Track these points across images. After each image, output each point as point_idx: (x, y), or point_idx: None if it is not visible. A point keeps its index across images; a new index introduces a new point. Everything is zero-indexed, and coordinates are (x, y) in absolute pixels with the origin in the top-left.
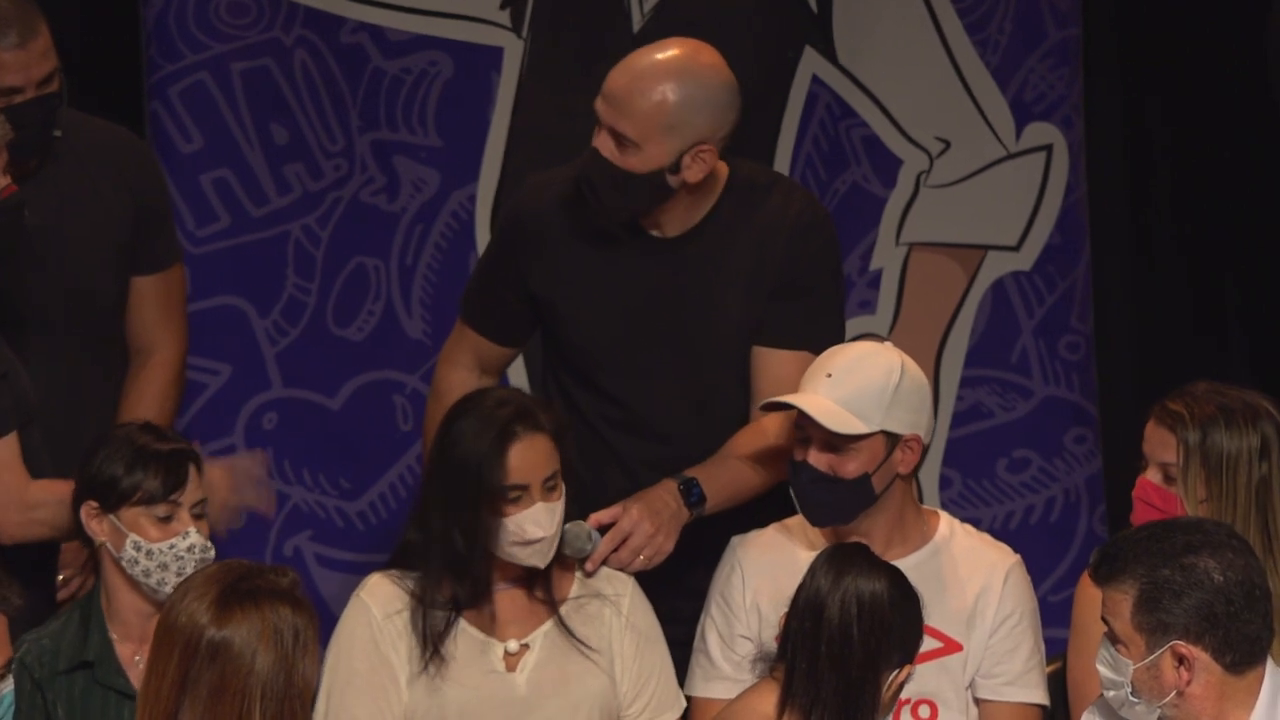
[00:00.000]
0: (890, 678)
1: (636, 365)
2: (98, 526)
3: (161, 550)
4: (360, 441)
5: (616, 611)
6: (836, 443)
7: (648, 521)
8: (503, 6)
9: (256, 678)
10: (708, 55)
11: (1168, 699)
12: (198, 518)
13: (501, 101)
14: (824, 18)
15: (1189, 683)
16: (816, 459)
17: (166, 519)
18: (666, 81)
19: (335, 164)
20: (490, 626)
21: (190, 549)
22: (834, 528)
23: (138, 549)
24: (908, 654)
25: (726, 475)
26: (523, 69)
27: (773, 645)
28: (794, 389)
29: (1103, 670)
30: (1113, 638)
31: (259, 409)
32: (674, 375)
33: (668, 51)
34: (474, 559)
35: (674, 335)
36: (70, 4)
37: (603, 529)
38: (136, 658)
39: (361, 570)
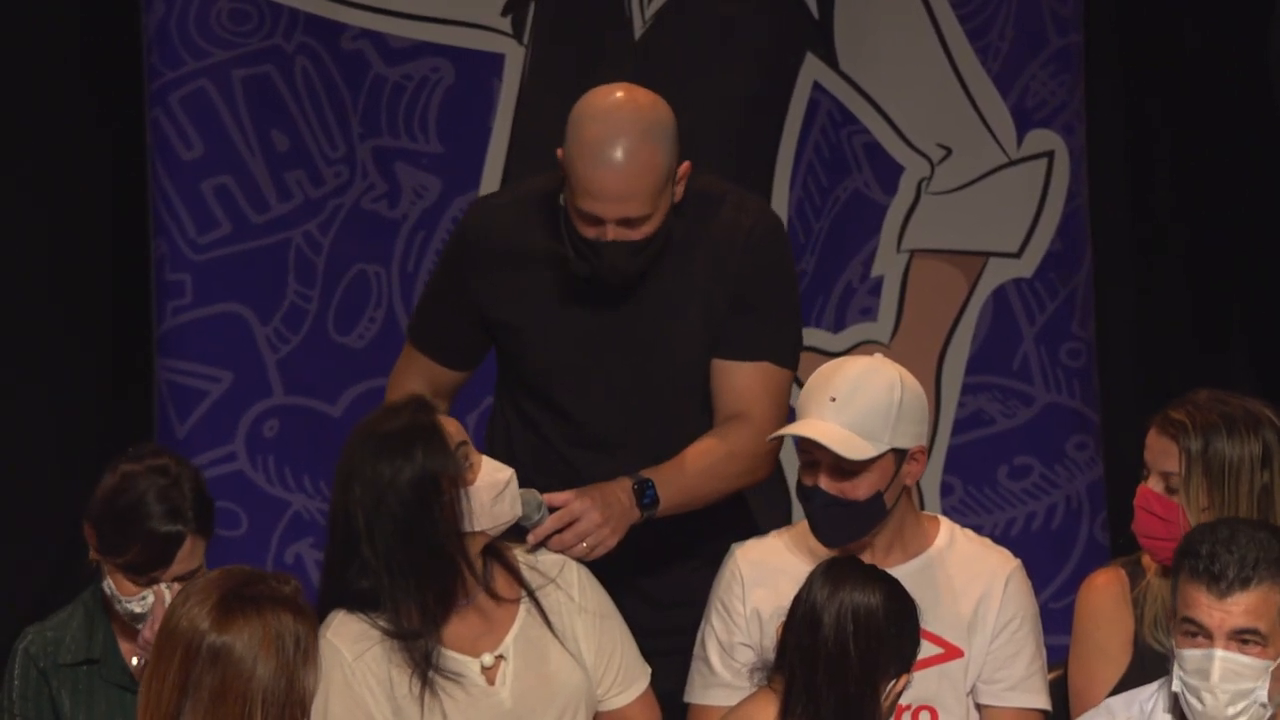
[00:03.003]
0: (888, 688)
1: (594, 382)
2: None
3: (131, 601)
4: None
5: (568, 597)
6: (848, 466)
7: (597, 511)
8: (504, 13)
9: (258, 683)
10: (641, 96)
11: None
12: (179, 578)
13: (503, 108)
14: (825, 24)
15: None
16: (828, 484)
17: (145, 582)
18: (644, 148)
19: (336, 171)
20: (462, 644)
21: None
22: None
23: (111, 591)
24: (905, 664)
25: (683, 481)
26: (524, 75)
27: (772, 654)
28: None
29: (1227, 686)
30: (1256, 640)
31: (260, 416)
32: (632, 391)
33: (614, 122)
34: (444, 570)
35: (631, 351)
36: (71, 10)
37: (552, 510)
38: (134, 660)
39: None
